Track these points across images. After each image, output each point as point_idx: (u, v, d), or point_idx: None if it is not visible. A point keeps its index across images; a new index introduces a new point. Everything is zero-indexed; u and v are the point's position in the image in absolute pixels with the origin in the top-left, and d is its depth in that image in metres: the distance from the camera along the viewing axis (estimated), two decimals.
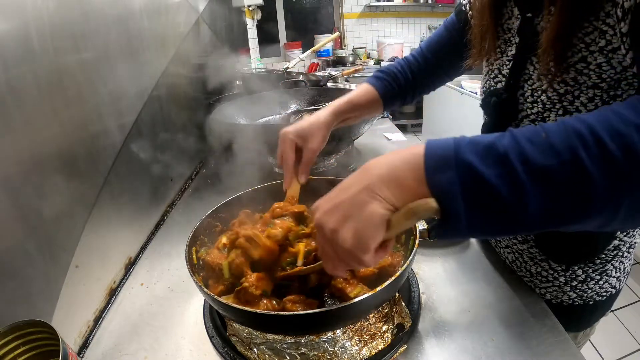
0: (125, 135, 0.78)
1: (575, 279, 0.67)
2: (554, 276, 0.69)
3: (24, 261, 0.49)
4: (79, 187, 0.62)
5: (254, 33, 2.73)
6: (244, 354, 0.56)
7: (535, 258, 0.70)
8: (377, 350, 0.55)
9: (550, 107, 0.55)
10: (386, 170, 0.36)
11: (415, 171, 0.35)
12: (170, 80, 1.05)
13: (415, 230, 0.58)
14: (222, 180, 1.16)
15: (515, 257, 0.74)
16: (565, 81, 0.52)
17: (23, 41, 0.50)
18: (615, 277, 0.69)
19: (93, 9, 0.67)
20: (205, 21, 1.45)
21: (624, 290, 2.04)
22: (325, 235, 0.38)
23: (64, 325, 0.56)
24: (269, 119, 1.38)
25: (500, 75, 0.64)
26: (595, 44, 0.47)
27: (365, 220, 0.36)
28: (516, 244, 0.72)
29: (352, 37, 4.58)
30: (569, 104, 0.53)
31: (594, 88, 0.50)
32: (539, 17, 0.55)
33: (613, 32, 0.45)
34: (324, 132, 0.71)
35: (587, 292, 0.69)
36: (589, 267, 0.66)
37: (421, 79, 0.83)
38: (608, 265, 0.66)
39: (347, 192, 0.38)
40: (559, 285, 0.69)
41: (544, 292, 0.71)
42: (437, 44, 0.80)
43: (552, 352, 0.55)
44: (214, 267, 0.58)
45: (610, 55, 0.47)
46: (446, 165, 0.34)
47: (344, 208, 0.37)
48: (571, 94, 0.52)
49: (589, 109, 0.51)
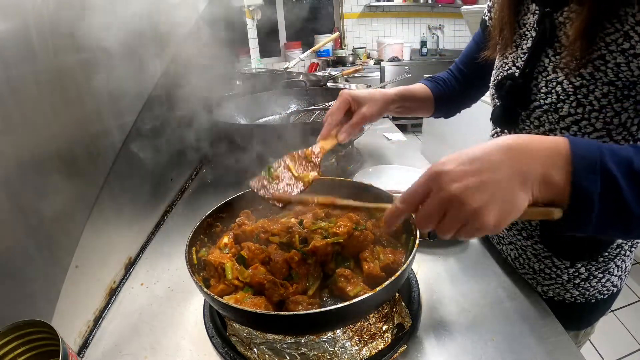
0: (125, 135, 0.78)
1: (579, 277, 0.68)
2: (557, 273, 0.69)
3: (24, 261, 0.49)
4: (79, 187, 0.62)
5: (254, 33, 2.73)
6: (244, 354, 0.56)
7: (539, 255, 0.70)
8: (377, 350, 0.55)
9: (565, 99, 0.57)
10: (540, 166, 0.38)
11: (563, 172, 0.37)
12: (170, 80, 1.05)
13: (415, 231, 0.58)
14: (222, 181, 1.16)
15: (518, 254, 0.74)
16: (582, 75, 0.54)
17: (23, 41, 0.50)
18: (617, 276, 0.69)
19: (93, 9, 0.67)
20: (205, 21, 1.45)
21: (624, 290, 2.04)
22: (464, 208, 0.37)
23: (64, 325, 0.56)
24: (269, 119, 1.38)
25: (514, 67, 0.66)
26: (617, 45, 0.50)
27: (512, 208, 0.38)
28: (520, 240, 0.72)
29: (352, 37, 4.58)
30: (583, 97, 0.55)
31: (609, 85, 0.52)
32: (557, 12, 0.58)
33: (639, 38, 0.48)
34: (381, 104, 0.74)
35: (590, 290, 0.69)
36: (592, 265, 0.66)
37: (462, 90, 0.89)
38: (610, 264, 0.67)
39: (497, 173, 0.37)
40: (561, 283, 0.69)
41: (547, 290, 0.72)
42: (468, 56, 0.87)
43: (552, 352, 0.55)
44: (216, 267, 0.58)
45: (630, 59, 0.50)
46: (592, 171, 0.37)
47: (493, 189, 0.37)
48: (586, 88, 0.54)
49: (602, 104, 0.54)
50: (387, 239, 0.67)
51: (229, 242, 0.64)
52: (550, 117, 0.59)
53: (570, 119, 0.57)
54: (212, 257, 0.60)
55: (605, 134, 0.56)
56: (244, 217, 0.69)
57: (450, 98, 0.89)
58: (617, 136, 0.56)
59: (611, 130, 0.55)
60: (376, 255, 0.61)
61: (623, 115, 0.54)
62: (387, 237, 0.67)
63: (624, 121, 0.54)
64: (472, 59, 0.83)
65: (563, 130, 0.59)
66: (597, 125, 0.55)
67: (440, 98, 0.88)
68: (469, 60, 0.87)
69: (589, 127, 0.56)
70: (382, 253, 0.61)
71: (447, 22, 4.47)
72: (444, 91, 0.88)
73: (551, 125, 0.60)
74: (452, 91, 0.89)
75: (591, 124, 0.56)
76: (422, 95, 0.86)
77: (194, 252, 0.62)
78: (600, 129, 0.56)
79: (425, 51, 4.46)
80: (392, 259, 0.60)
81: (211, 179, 1.21)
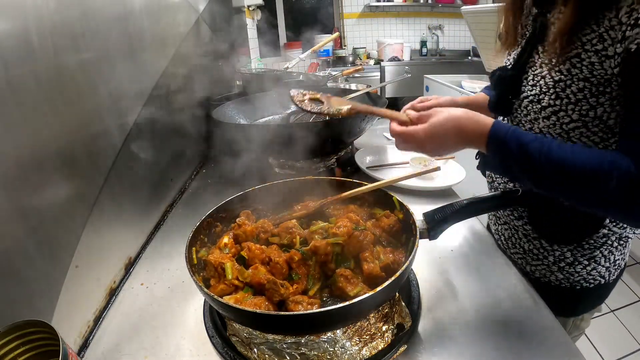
0: (125, 135, 0.78)
1: (564, 260, 0.72)
2: (543, 255, 0.74)
3: (24, 261, 0.49)
4: (79, 187, 0.62)
5: (254, 33, 2.72)
6: (244, 354, 0.56)
7: (528, 235, 0.76)
8: (377, 350, 0.55)
9: (546, 91, 0.63)
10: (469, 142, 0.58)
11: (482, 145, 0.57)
12: (170, 81, 1.05)
13: (415, 231, 0.58)
14: (222, 181, 1.16)
15: (511, 234, 0.80)
16: (561, 70, 0.60)
17: (23, 41, 0.50)
18: (605, 267, 0.72)
19: (93, 9, 0.67)
20: (205, 21, 1.45)
21: (624, 290, 2.05)
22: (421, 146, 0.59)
23: (64, 325, 0.56)
24: (269, 119, 1.38)
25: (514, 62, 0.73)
26: (592, 45, 0.55)
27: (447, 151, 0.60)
28: (513, 220, 0.78)
29: (352, 37, 4.57)
30: (561, 91, 0.61)
31: (584, 81, 0.58)
32: (550, 13, 0.64)
33: (611, 42, 0.52)
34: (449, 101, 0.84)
35: (574, 275, 0.73)
36: (577, 250, 0.71)
37: None
38: (597, 252, 0.70)
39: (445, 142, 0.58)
40: (547, 265, 0.74)
41: (534, 270, 0.77)
42: None
43: (552, 352, 0.55)
44: (216, 267, 0.58)
45: (603, 59, 0.55)
46: (496, 149, 0.56)
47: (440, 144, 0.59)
48: (564, 82, 0.60)
49: (578, 98, 0.59)
50: (387, 239, 0.67)
51: (229, 242, 0.64)
52: (534, 107, 0.66)
53: (550, 110, 0.63)
54: (212, 257, 0.60)
55: (581, 125, 0.61)
56: (244, 217, 0.69)
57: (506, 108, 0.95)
58: (593, 128, 0.60)
59: (587, 122, 0.60)
60: (376, 255, 0.61)
61: (599, 109, 0.58)
62: (387, 237, 0.67)
63: (600, 114, 0.59)
64: None
65: (544, 120, 0.65)
66: (573, 117, 0.61)
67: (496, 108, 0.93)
68: None
69: (566, 117, 0.62)
70: (382, 253, 0.61)
71: (447, 22, 4.46)
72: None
73: (535, 115, 0.66)
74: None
75: (568, 115, 0.61)
76: (483, 103, 0.89)
77: (194, 252, 0.62)
78: (576, 120, 0.61)
79: (425, 51, 4.45)
80: (392, 259, 0.60)
81: (211, 179, 1.21)
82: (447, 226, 0.61)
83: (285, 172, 1.14)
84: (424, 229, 0.60)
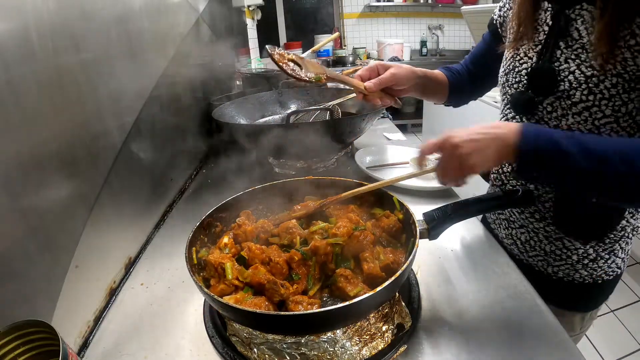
0: (125, 135, 0.78)
1: (587, 257, 0.73)
2: (567, 254, 0.74)
3: (24, 261, 0.49)
4: (79, 187, 0.62)
5: (254, 33, 2.72)
6: (244, 354, 0.56)
7: (550, 237, 0.75)
8: (377, 350, 0.55)
9: (577, 87, 0.62)
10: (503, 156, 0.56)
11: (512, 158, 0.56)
12: (170, 80, 1.05)
13: (415, 231, 0.58)
14: (222, 180, 1.16)
15: (529, 237, 0.79)
16: (592, 66, 0.60)
17: (23, 41, 0.50)
18: (621, 258, 0.75)
19: (93, 9, 0.67)
20: (205, 21, 1.45)
21: (624, 290, 2.05)
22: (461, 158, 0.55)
23: (64, 325, 0.56)
24: (269, 119, 1.38)
25: (526, 57, 0.71)
26: (624, 41, 0.56)
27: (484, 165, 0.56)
28: (532, 222, 0.77)
29: (352, 37, 4.58)
30: (594, 86, 0.60)
31: (617, 77, 0.58)
32: (570, 9, 0.64)
33: None
34: (408, 70, 0.80)
35: (597, 270, 0.74)
36: (599, 246, 0.72)
37: (471, 84, 0.95)
38: (616, 245, 0.73)
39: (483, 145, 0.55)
40: (571, 264, 0.75)
41: (557, 270, 0.77)
42: (477, 56, 0.94)
43: (552, 352, 0.55)
44: (216, 267, 0.58)
45: (636, 55, 0.56)
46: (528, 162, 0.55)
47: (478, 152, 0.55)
48: (597, 78, 0.60)
49: (612, 94, 0.59)
50: (387, 239, 0.67)
51: (229, 242, 0.64)
52: (563, 103, 0.65)
53: (581, 105, 0.62)
54: (212, 257, 0.60)
55: (613, 120, 0.61)
56: (244, 217, 0.69)
57: (461, 89, 0.95)
58: (623, 123, 0.61)
59: (619, 117, 0.61)
60: (376, 256, 0.61)
61: (630, 105, 0.59)
62: (387, 238, 0.67)
63: (630, 110, 0.60)
64: (481, 57, 0.92)
65: (575, 116, 0.64)
66: (606, 112, 0.61)
67: (454, 87, 0.93)
68: (477, 59, 0.94)
69: (599, 113, 0.61)
70: (382, 253, 0.61)
71: (447, 22, 4.46)
72: (457, 81, 0.94)
73: (563, 111, 0.65)
74: (464, 83, 0.94)
75: (601, 111, 0.61)
76: (440, 80, 0.92)
77: (194, 252, 0.62)
78: (609, 116, 0.61)
79: (425, 51, 4.46)
80: (392, 259, 0.60)
81: (211, 179, 1.21)
82: (447, 226, 0.61)
83: (285, 172, 1.14)
84: (424, 229, 0.60)
